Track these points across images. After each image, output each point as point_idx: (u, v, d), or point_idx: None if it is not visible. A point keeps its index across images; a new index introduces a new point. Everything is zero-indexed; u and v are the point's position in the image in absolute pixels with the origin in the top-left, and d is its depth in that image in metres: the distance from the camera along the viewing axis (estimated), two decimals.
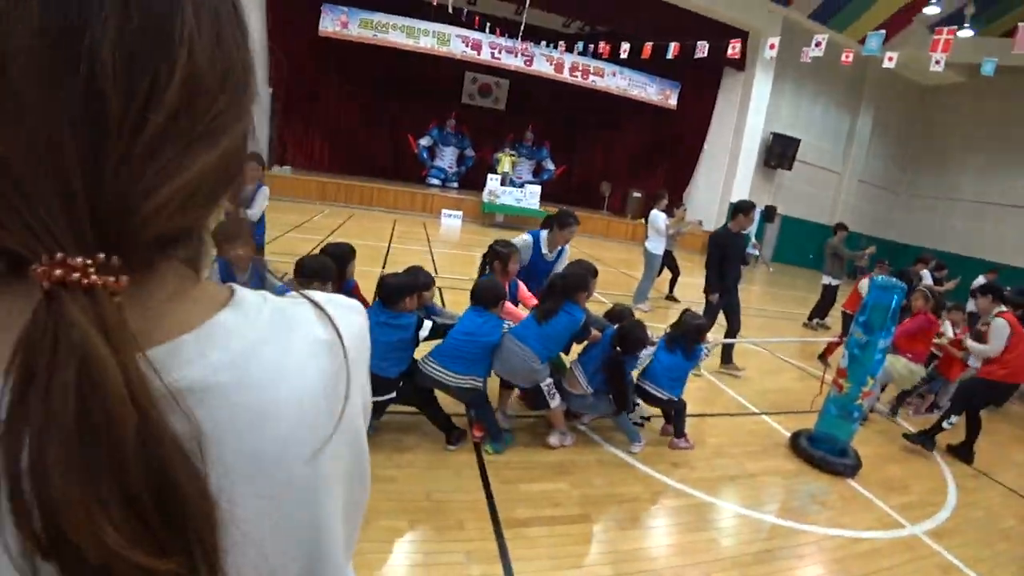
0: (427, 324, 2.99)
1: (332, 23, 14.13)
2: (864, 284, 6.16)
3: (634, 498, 3.08)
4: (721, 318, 5.38)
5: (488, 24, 13.76)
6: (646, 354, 3.53)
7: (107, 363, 0.30)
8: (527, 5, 12.66)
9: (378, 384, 2.69)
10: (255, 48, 0.40)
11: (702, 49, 11.17)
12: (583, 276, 3.24)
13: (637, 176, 16.72)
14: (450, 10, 12.42)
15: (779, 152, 15.42)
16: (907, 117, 17.89)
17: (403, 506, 2.62)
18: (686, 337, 3.57)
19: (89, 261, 0.30)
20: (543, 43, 14.33)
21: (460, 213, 14.18)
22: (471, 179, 16.11)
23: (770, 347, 6.39)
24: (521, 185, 14.83)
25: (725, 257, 5.12)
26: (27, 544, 0.29)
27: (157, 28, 0.32)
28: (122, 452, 0.30)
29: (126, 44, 0.30)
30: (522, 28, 13.52)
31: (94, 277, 0.30)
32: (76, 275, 0.29)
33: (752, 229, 5.09)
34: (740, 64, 14.69)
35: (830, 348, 5.81)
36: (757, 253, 5.19)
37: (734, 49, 10.19)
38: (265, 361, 0.40)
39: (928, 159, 17.81)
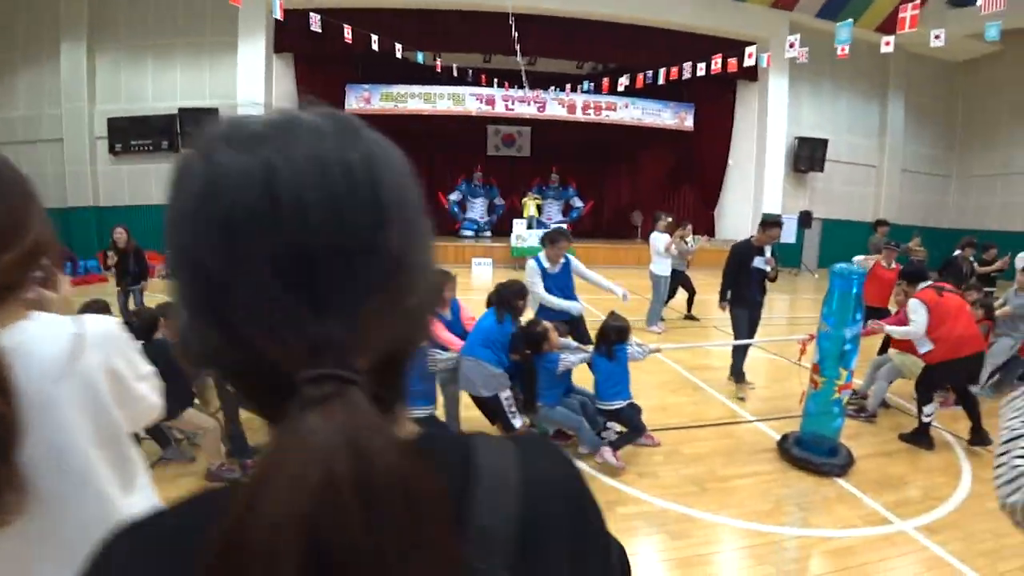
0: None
1: (356, 100, 15.34)
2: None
3: None
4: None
5: (496, 79, 14.44)
6: (574, 359, 3.63)
7: None
8: (515, 54, 13.25)
9: None
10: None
11: (715, 64, 11.15)
12: (516, 291, 3.60)
13: (665, 201, 16.66)
14: (455, 73, 13.20)
15: (807, 155, 14.98)
16: (944, 97, 16.95)
17: None
18: (607, 338, 3.62)
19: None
20: (552, 88, 14.84)
21: (490, 260, 14.57)
22: (503, 227, 16.58)
23: (783, 352, 6.18)
24: (548, 226, 15.16)
25: (742, 268, 5.10)
26: None
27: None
28: None
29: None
30: (524, 75, 14.09)
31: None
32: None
33: (769, 244, 5.08)
34: (752, 74, 14.62)
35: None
36: (769, 268, 5.07)
37: (750, 56, 9.98)
38: (36, 336, 0.79)
39: (976, 136, 16.69)
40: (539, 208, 16.65)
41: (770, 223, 5.09)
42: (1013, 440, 0.89)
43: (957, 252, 7.58)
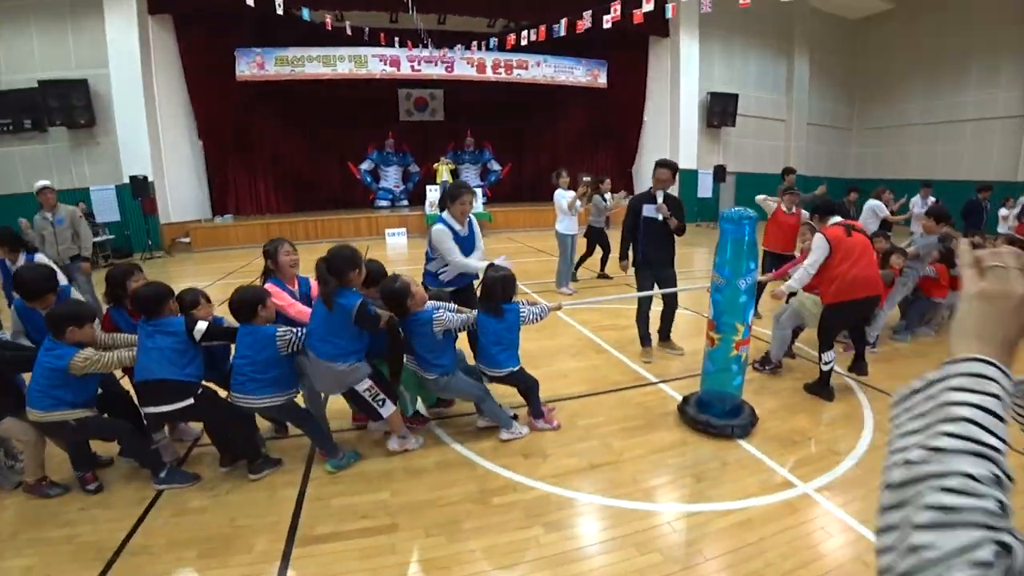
0: (201, 325, 2.84)
1: (248, 66, 13.97)
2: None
3: (458, 500, 2.69)
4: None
5: (398, 39, 13.45)
6: (454, 318, 3.12)
7: None
8: (411, 10, 12.36)
9: (168, 390, 2.72)
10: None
11: (615, 12, 10.66)
12: (347, 257, 2.85)
13: (585, 160, 16.36)
14: (348, 32, 12.12)
15: (720, 110, 15.03)
16: (844, 53, 17.52)
17: (199, 536, 2.54)
18: (492, 295, 3.16)
19: None
20: (459, 47, 14.03)
21: (404, 230, 14.00)
22: (421, 195, 15.84)
23: (695, 307, 5.98)
24: None
25: (636, 220, 4.51)
26: None
27: None
28: None
29: None
30: (424, 33, 13.21)
31: None
32: None
33: (661, 191, 4.43)
34: (664, 30, 14.37)
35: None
36: (660, 216, 4.47)
37: (648, 1, 9.55)
38: None
39: (873, 91, 17.40)
40: (454, 173, 16.01)
41: (657, 164, 4.51)
42: (902, 486, 0.52)
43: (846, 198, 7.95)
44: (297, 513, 2.67)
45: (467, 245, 3.77)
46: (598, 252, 7.60)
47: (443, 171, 15.23)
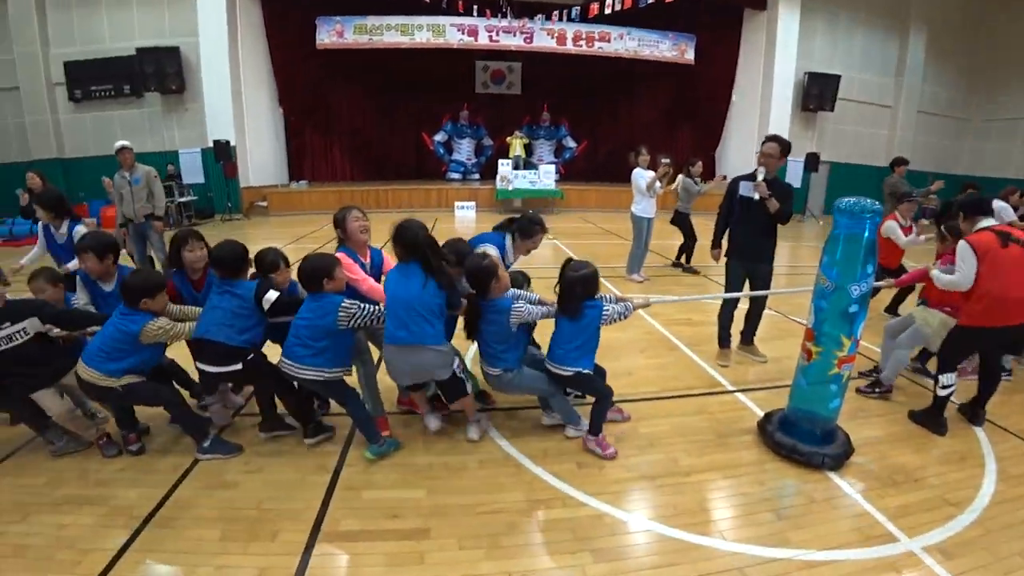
0: (271, 295, 2.78)
1: (328, 35, 14.11)
2: (888, 226, 5.04)
3: (499, 509, 2.41)
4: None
5: (477, 7, 13.11)
6: (535, 310, 2.83)
7: None
8: None
9: (222, 352, 2.65)
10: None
11: None
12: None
13: (665, 141, 15.51)
14: (427, 0, 11.91)
15: (817, 93, 13.75)
16: (967, 34, 15.51)
17: (225, 514, 2.44)
18: (571, 294, 2.81)
19: None
20: (538, 17, 13.51)
21: (473, 204, 13.88)
22: (493, 169, 15.64)
23: (781, 309, 5.38)
24: (536, 167, 14.23)
25: (731, 203, 3.97)
26: None
27: None
28: None
29: None
30: (505, 2, 12.78)
31: None
32: None
33: (763, 169, 3.88)
34: (760, 2, 13.24)
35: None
36: (756, 196, 3.89)
37: None
38: None
39: (998, 78, 15.37)
40: (527, 148, 15.66)
41: (768, 138, 3.91)
42: None
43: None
44: (326, 502, 2.50)
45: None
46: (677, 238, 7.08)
47: (516, 145, 14.93)
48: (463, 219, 12.88)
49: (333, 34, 14.08)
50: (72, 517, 2.47)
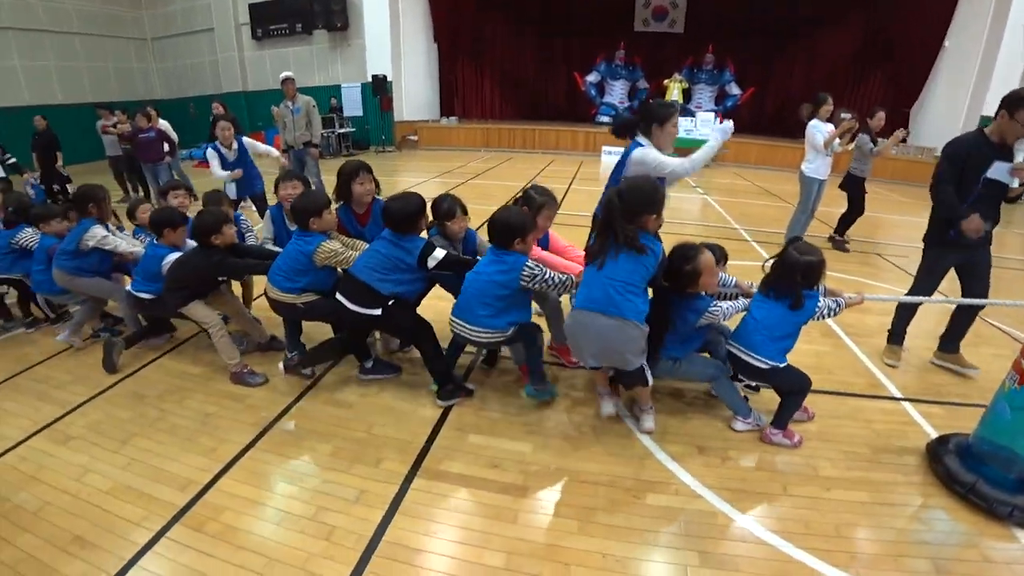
0: (439, 252, 2.65)
1: None
2: None
3: (604, 481, 2.22)
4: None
5: None
6: (728, 308, 2.47)
7: None
8: None
9: (365, 294, 2.65)
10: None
11: None
12: (650, 191, 2.31)
13: (847, 94, 13.31)
14: None
15: None
16: None
17: (338, 432, 2.56)
18: (789, 279, 2.36)
19: None
20: None
21: (622, 149, 13.08)
22: None
23: (986, 310, 4.38)
24: (694, 114, 13.08)
25: (968, 178, 2.99)
26: None
27: None
28: None
29: None
30: None
31: None
32: None
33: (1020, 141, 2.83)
34: None
35: None
36: (1016, 183, 2.92)
37: None
38: None
39: None
40: (686, 93, 14.41)
41: (1019, 102, 2.77)
42: None
43: None
44: (431, 438, 2.50)
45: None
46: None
47: (674, 89, 13.83)
48: (609, 165, 12.30)
49: None
50: (217, 408, 2.76)
